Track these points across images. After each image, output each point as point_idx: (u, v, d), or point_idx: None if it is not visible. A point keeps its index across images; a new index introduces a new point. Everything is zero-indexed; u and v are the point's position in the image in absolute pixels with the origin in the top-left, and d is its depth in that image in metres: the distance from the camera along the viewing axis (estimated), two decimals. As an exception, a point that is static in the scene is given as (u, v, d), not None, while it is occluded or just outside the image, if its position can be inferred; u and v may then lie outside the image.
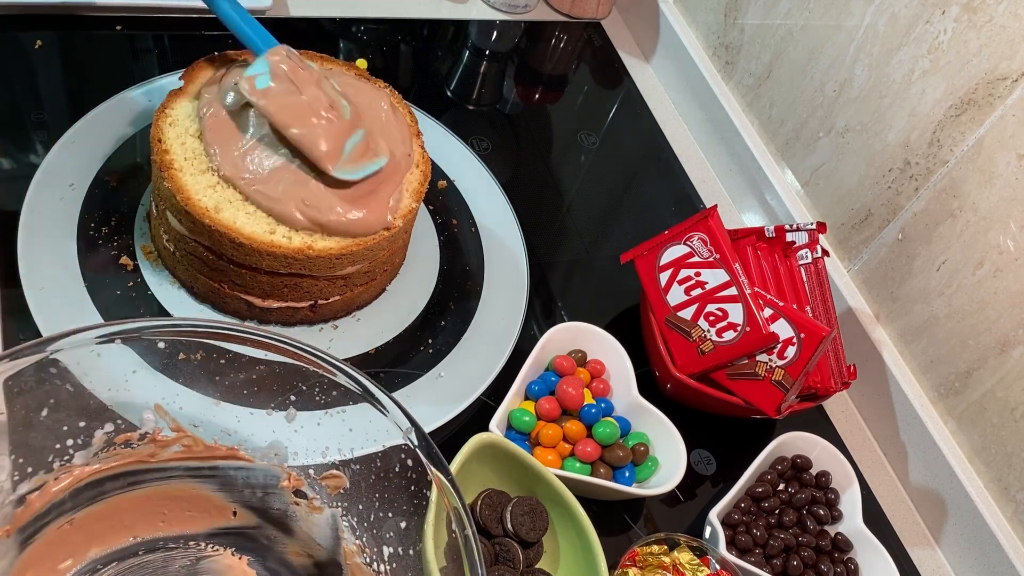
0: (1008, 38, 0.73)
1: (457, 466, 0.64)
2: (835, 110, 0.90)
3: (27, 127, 0.80)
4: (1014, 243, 0.74)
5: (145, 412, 0.56)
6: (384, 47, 1.02)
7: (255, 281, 0.69)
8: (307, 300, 0.72)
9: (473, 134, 0.97)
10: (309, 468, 0.59)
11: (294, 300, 0.72)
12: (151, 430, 0.57)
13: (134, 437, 0.56)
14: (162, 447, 0.57)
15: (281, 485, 0.59)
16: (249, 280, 0.69)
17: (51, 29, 0.88)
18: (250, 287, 0.70)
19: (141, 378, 0.56)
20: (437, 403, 0.72)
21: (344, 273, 0.71)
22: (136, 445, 0.57)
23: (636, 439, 0.74)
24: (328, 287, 0.72)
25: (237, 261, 0.68)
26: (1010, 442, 0.77)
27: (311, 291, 0.71)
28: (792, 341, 0.74)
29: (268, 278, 0.69)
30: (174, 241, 0.70)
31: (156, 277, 0.73)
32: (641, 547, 0.66)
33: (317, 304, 0.73)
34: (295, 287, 0.70)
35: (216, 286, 0.71)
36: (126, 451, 0.56)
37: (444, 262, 0.83)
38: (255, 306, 0.72)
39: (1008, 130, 0.73)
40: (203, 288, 0.72)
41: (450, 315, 0.80)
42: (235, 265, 0.68)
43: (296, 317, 0.74)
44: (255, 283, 0.70)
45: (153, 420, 0.57)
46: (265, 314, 0.73)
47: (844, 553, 0.74)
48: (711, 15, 1.06)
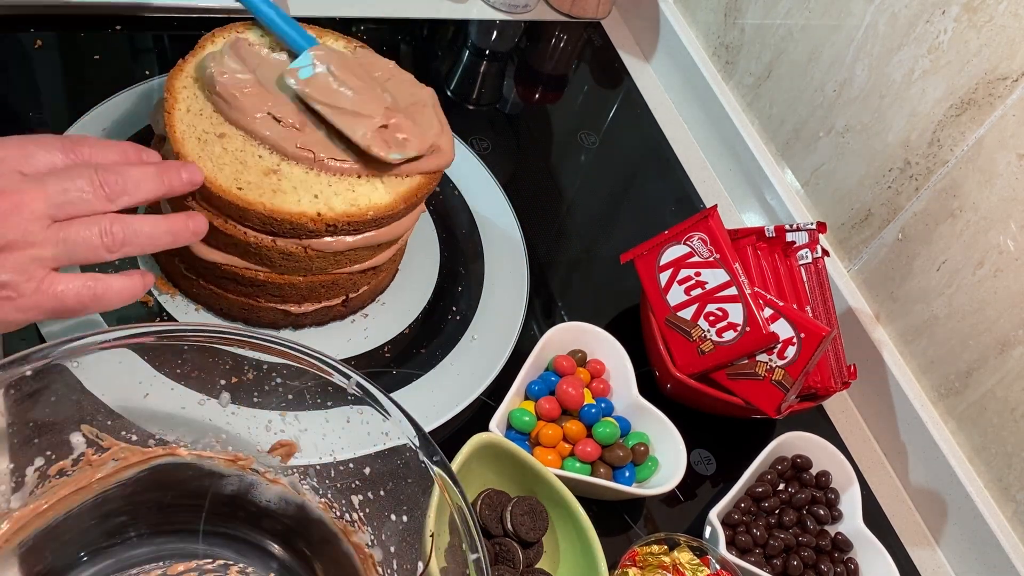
0: (1008, 38, 0.73)
1: (457, 466, 0.64)
2: (835, 110, 0.90)
3: (27, 127, 0.80)
4: (1014, 243, 0.74)
5: (73, 435, 0.53)
6: (384, 47, 1.02)
7: (293, 289, 0.69)
8: (340, 296, 0.73)
9: (473, 134, 0.97)
10: (311, 467, 0.59)
11: (328, 299, 0.72)
12: (83, 453, 0.54)
13: (67, 465, 0.53)
14: (97, 466, 0.54)
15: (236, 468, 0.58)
16: (288, 290, 0.69)
17: (51, 29, 0.87)
18: (287, 295, 0.70)
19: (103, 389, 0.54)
20: (437, 403, 0.72)
21: (378, 261, 0.71)
22: (71, 472, 0.54)
23: (636, 439, 0.74)
24: (360, 279, 0.72)
25: (281, 266, 0.67)
26: (1010, 442, 0.77)
27: (345, 285, 0.72)
28: (792, 341, 0.74)
29: (306, 280, 0.69)
30: (197, 271, 0.69)
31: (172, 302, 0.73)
32: (641, 547, 0.66)
33: (348, 298, 0.74)
34: (332, 285, 0.71)
35: (251, 302, 0.70)
36: (62, 480, 0.53)
37: (444, 262, 0.83)
38: (291, 313, 0.72)
39: (1008, 130, 0.73)
40: (232, 306, 0.71)
41: (449, 315, 0.80)
42: (276, 273, 0.68)
43: (330, 315, 0.75)
44: (293, 291, 0.70)
45: (84, 443, 0.53)
46: (300, 319, 0.73)
47: (844, 553, 0.74)
48: (711, 15, 1.06)
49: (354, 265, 0.70)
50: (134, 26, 0.91)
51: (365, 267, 0.71)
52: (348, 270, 0.70)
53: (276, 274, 0.68)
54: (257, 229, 0.64)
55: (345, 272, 0.70)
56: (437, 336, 0.78)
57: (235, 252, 0.66)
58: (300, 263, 0.67)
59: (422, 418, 0.71)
